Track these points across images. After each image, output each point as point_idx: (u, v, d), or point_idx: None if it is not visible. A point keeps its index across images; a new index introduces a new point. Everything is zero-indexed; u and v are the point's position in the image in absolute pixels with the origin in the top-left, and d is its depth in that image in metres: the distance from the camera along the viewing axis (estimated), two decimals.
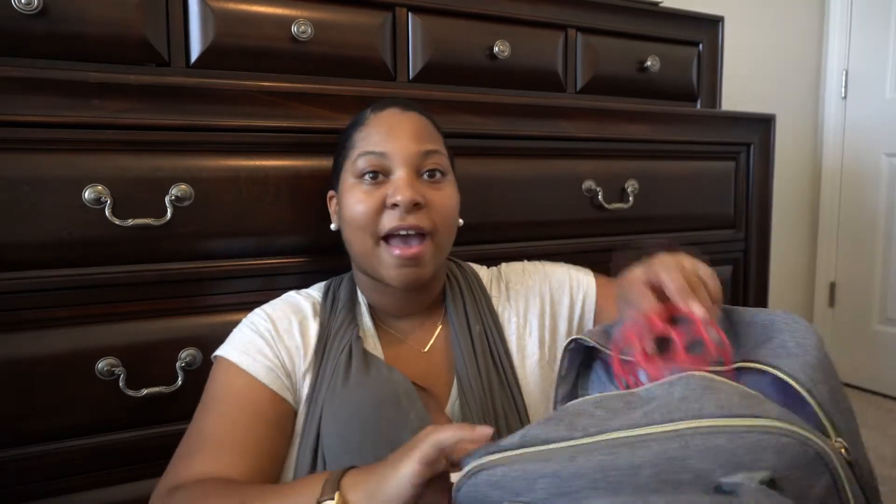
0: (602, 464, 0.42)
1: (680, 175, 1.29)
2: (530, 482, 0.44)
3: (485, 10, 1.21)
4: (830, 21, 2.29)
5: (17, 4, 0.85)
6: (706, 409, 0.42)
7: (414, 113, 0.77)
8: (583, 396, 0.63)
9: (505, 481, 0.45)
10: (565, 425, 0.46)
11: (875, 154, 2.21)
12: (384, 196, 0.72)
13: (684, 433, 0.41)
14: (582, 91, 1.35)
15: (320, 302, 0.79)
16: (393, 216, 0.71)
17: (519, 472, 0.44)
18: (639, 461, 0.41)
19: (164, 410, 0.85)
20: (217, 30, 0.99)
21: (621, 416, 0.45)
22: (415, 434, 0.65)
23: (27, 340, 0.78)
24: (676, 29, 1.44)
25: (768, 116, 1.38)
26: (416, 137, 0.74)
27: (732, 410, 0.42)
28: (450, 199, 0.76)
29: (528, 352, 0.80)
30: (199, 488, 0.61)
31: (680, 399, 0.44)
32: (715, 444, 0.40)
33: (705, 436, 0.40)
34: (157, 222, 0.82)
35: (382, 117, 0.76)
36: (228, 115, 0.86)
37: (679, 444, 0.41)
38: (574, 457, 0.43)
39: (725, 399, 0.43)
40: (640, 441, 0.42)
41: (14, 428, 0.78)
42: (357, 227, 0.73)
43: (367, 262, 0.75)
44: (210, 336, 0.86)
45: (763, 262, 1.42)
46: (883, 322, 2.23)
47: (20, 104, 0.75)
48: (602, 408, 0.47)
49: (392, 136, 0.73)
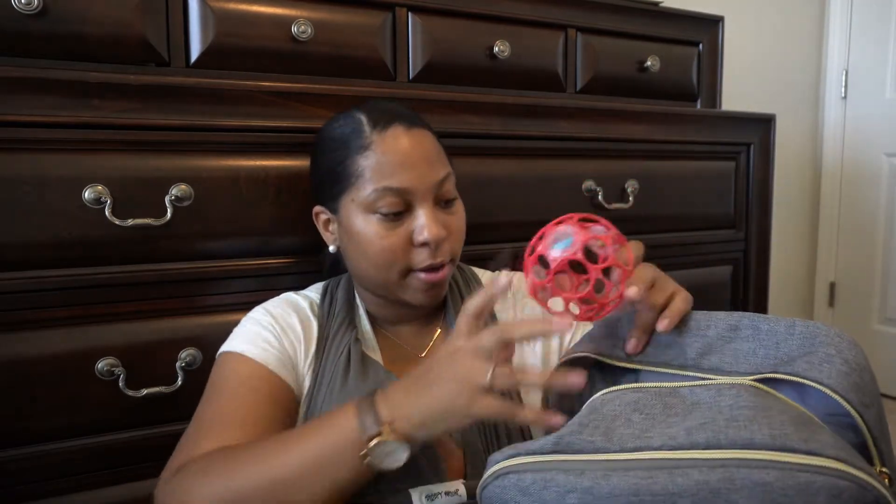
0: (637, 487, 0.40)
1: (680, 175, 1.29)
2: (561, 494, 0.42)
3: (485, 10, 1.21)
4: (830, 21, 2.29)
5: (17, 4, 0.85)
6: (757, 439, 0.39)
7: (420, 130, 0.73)
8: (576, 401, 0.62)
9: (533, 489, 0.44)
10: (601, 434, 0.44)
11: (875, 154, 2.21)
12: (408, 232, 0.70)
13: (729, 464, 0.39)
14: (582, 91, 1.35)
15: (318, 303, 0.79)
16: (423, 254, 0.71)
17: (550, 483, 0.43)
18: (677, 489, 0.39)
19: (164, 410, 0.85)
20: (217, 30, 0.99)
21: (661, 426, 0.43)
22: None
23: (27, 340, 0.78)
24: (676, 29, 1.44)
25: (768, 116, 1.38)
26: (431, 163, 0.71)
27: (786, 443, 0.39)
28: (463, 221, 0.76)
29: (530, 363, 0.78)
30: (210, 458, 0.59)
31: (728, 420, 0.41)
32: (763, 481, 0.38)
33: (753, 469, 0.38)
34: (157, 222, 0.82)
35: (389, 141, 0.70)
36: (228, 115, 0.86)
37: (723, 475, 0.38)
38: (609, 474, 0.41)
39: (778, 426, 0.40)
40: (680, 466, 0.40)
41: (14, 428, 0.78)
42: (380, 264, 0.71)
43: (386, 289, 0.74)
44: (210, 336, 0.86)
45: (763, 262, 1.42)
46: (883, 322, 2.23)
47: (20, 104, 0.75)
48: (639, 412, 0.45)
49: (408, 166, 0.70)
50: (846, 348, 0.48)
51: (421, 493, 0.62)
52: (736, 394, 0.43)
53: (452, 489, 0.63)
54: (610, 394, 0.48)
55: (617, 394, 0.48)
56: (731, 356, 0.51)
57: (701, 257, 1.34)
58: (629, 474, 0.41)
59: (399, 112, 0.74)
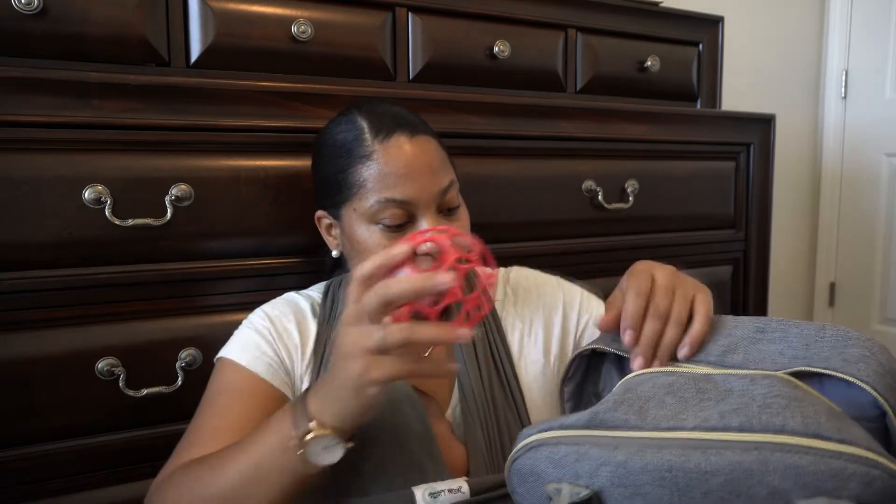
0: (671, 464, 0.40)
1: (680, 175, 1.29)
2: (594, 468, 0.43)
3: (485, 10, 1.21)
4: (830, 21, 2.29)
5: (17, 4, 0.85)
6: (789, 425, 0.40)
7: (423, 137, 0.72)
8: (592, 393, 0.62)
9: (566, 462, 0.44)
10: (635, 412, 0.44)
11: (875, 154, 2.21)
12: None
13: (763, 447, 0.39)
14: (582, 91, 1.35)
15: (319, 302, 0.79)
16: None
17: (584, 456, 0.43)
18: (710, 468, 0.39)
19: (164, 410, 0.85)
20: (217, 30, 0.99)
21: (693, 409, 0.43)
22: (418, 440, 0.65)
23: (27, 340, 0.78)
24: (676, 29, 1.44)
25: (768, 116, 1.38)
26: (434, 172, 0.70)
27: (819, 431, 0.39)
28: (467, 226, 0.75)
29: (532, 359, 0.78)
30: (183, 469, 0.61)
31: (761, 407, 0.42)
32: (796, 464, 0.38)
33: (787, 453, 0.39)
34: (157, 222, 0.82)
35: (392, 151, 0.69)
36: (228, 115, 0.86)
37: (757, 457, 0.39)
38: (643, 451, 0.41)
39: (812, 415, 0.40)
40: (713, 447, 0.40)
41: (14, 428, 0.78)
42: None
43: None
44: (210, 336, 0.86)
45: (763, 262, 1.42)
46: (883, 322, 2.23)
47: (20, 104, 0.75)
48: (673, 394, 0.45)
49: (411, 177, 0.69)
50: (879, 351, 0.48)
51: (424, 491, 0.62)
52: (769, 384, 0.44)
53: (455, 486, 0.63)
54: (643, 375, 0.48)
55: (650, 375, 0.48)
56: (756, 354, 0.51)
57: (701, 257, 1.34)
58: (663, 451, 0.41)
59: (401, 118, 0.73)
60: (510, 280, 0.86)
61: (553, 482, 0.44)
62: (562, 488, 0.43)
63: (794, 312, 2.40)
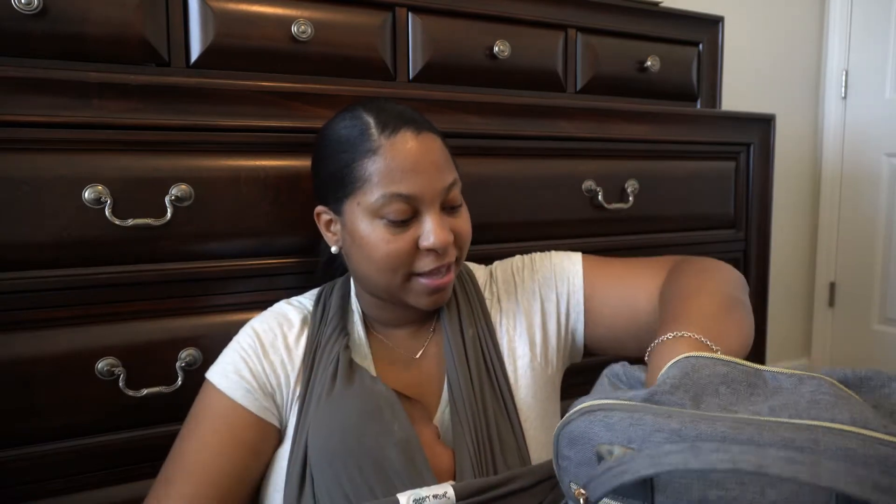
0: (725, 434, 0.41)
1: (680, 175, 1.29)
2: (647, 433, 0.43)
3: (485, 10, 1.21)
4: (830, 21, 2.29)
5: (17, 4, 0.85)
6: (838, 419, 0.41)
7: (429, 135, 0.72)
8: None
9: (620, 426, 0.44)
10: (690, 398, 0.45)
11: (875, 154, 2.21)
12: (415, 237, 0.70)
13: (816, 429, 0.40)
14: (582, 91, 1.35)
15: (310, 312, 0.79)
16: (429, 259, 0.71)
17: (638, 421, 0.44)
18: (763, 441, 0.40)
19: (164, 410, 0.85)
20: (217, 30, 0.99)
21: (744, 402, 0.44)
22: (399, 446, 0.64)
23: (27, 340, 0.78)
24: (676, 29, 1.44)
25: (768, 116, 1.38)
26: (439, 169, 0.71)
27: (867, 424, 0.40)
28: (469, 223, 0.76)
29: (519, 353, 0.78)
30: None
31: (809, 403, 0.43)
32: (846, 446, 0.39)
33: (837, 436, 0.40)
34: (157, 222, 0.82)
35: (398, 146, 0.69)
36: (228, 115, 0.86)
37: (809, 436, 0.40)
38: (697, 421, 0.42)
39: (859, 412, 0.42)
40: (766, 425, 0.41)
41: (14, 428, 0.78)
42: (385, 268, 0.71)
43: (390, 293, 0.73)
44: (210, 336, 0.86)
45: (763, 262, 1.42)
46: (883, 322, 2.23)
47: (20, 104, 0.75)
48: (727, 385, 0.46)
49: (416, 172, 0.69)
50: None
51: (409, 498, 0.61)
52: (817, 383, 0.45)
53: (441, 492, 0.62)
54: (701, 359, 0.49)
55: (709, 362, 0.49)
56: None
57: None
58: (717, 424, 0.42)
59: (407, 116, 0.73)
60: (495, 276, 0.86)
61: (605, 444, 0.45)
62: (613, 449, 0.44)
63: (794, 312, 2.40)
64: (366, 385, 0.70)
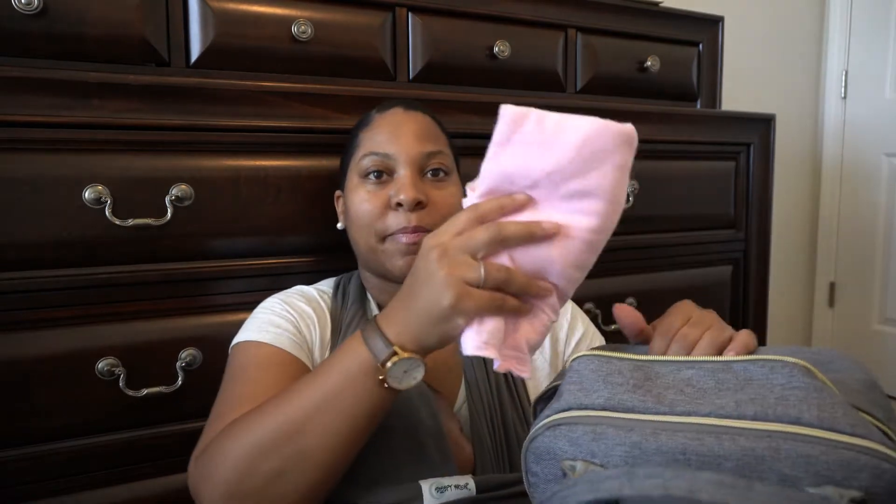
0: (685, 447, 0.41)
1: (680, 175, 1.29)
2: (609, 447, 0.44)
3: (485, 10, 1.21)
4: (830, 21, 2.29)
5: (17, 4, 0.85)
6: (805, 417, 0.41)
7: (418, 113, 0.78)
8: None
9: (583, 441, 0.45)
10: (653, 397, 0.45)
11: (875, 154, 2.21)
12: (388, 196, 0.73)
13: (775, 435, 0.40)
14: (582, 91, 1.35)
15: (331, 295, 0.79)
16: (398, 217, 0.72)
17: (600, 436, 0.44)
18: (723, 452, 0.40)
19: (164, 410, 0.85)
20: (217, 30, 0.99)
21: (711, 398, 0.44)
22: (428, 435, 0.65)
23: (27, 340, 0.78)
24: (676, 29, 1.44)
25: (768, 116, 1.38)
26: (420, 137, 0.75)
27: (833, 425, 0.40)
28: (452, 198, 0.76)
29: (536, 364, 0.79)
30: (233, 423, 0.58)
31: (778, 399, 0.43)
32: (807, 453, 0.39)
33: (798, 443, 0.39)
34: (157, 222, 0.82)
35: (387, 117, 0.77)
36: (228, 115, 0.86)
37: (769, 444, 0.40)
38: (657, 433, 0.43)
39: (828, 408, 0.41)
40: (727, 432, 0.41)
41: (14, 428, 0.78)
42: (362, 226, 0.75)
43: (373, 258, 0.75)
44: (210, 336, 0.86)
45: (763, 262, 1.42)
46: (883, 322, 2.23)
47: (20, 104, 0.75)
48: (692, 386, 0.46)
49: (396, 136, 0.75)
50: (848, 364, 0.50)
51: (431, 486, 0.62)
52: (789, 373, 0.45)
53: (462, 483, 0.63)
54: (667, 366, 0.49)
55: (674, 367, 0.49)
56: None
57: (701, 257, 1.34)
58: (677, 435, 0.42)
59: (405, 100, 0.81)
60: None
61: (569, 459, 0.45)
62: (576, 465, 0.45)
63: (794, 312, 2.40)
64: None
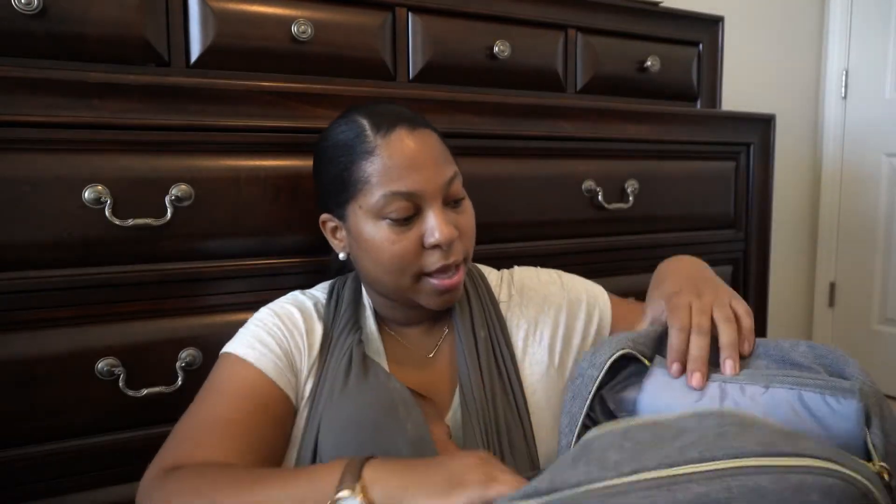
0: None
1: (680, 175, 1.29)
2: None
3: (485, 10, 1.21)
4: (830, 21, 2.29)
5: (17, 4, 0.85)
6: (747, 447, 0.41)
7: (424, 131, 0.72)
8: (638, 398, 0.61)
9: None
10: (596, 464, 0.44)
11: (875, 154, 2.21)
12: (419, 235, 0.69)
13: (725, 474, 0.40)
14: (582, 91, 1.35)
15: (324, 303, 0.78)
16: (435, 256, 0.70)
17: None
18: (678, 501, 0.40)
19: (164, 410, 0.85)
20: (217, 30, 0.99)
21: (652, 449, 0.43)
22: (412, 444, 0.64)
23: (27, 340, 0.78)
24: (676, 29, 1.44)
25: (768, 116, 1.38)
26: (437, 164, 0.70)
27: (776, 449, 0.40)
28: (473, 219, 0.75)
29: (536, 358, 0.78)
30: (206, 470, 0.59)
31: (717, 436, 0.42)
32: (758, 486, 0.39)
33: (748, 476, 0.39)
34: (157, 222, 0.82)
35: (394, 145, 0.69)
36: (228, 115, 0.86)
37: (720, 485, 0.39)
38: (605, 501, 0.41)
39: (767, 436, 0.41)
40: (678, 482, 0.40)
41: (14, 428, 0.78)
42: (392, 269, 0.70)
43: (400, 294, 0.73)
44: (210, 336, 0.86)
45: (763, 262, 1.42)
46: (883, 322, 2.23)
47: (20, 104, 0.75)
48: (630, 440, 0.45)
49: (414, 169, 0.68)
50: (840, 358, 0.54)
51: None
52: (719, 416, 0.45)
53: None
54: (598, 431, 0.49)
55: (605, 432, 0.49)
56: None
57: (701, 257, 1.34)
58: (629, 496, 0.41)
59: (400, 114, 0.72)
60: (514, 281, 0.85)
61: None
62: None
63: (794, 312, 2.40)
64: (380, 381, 0.70)
